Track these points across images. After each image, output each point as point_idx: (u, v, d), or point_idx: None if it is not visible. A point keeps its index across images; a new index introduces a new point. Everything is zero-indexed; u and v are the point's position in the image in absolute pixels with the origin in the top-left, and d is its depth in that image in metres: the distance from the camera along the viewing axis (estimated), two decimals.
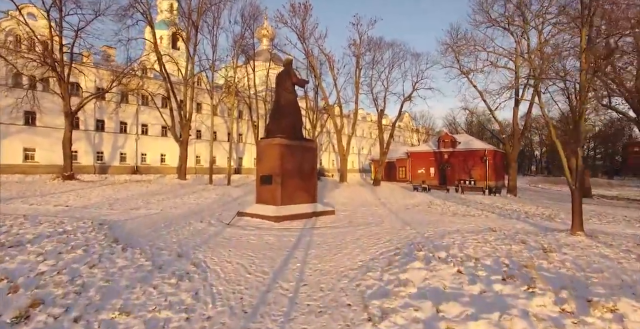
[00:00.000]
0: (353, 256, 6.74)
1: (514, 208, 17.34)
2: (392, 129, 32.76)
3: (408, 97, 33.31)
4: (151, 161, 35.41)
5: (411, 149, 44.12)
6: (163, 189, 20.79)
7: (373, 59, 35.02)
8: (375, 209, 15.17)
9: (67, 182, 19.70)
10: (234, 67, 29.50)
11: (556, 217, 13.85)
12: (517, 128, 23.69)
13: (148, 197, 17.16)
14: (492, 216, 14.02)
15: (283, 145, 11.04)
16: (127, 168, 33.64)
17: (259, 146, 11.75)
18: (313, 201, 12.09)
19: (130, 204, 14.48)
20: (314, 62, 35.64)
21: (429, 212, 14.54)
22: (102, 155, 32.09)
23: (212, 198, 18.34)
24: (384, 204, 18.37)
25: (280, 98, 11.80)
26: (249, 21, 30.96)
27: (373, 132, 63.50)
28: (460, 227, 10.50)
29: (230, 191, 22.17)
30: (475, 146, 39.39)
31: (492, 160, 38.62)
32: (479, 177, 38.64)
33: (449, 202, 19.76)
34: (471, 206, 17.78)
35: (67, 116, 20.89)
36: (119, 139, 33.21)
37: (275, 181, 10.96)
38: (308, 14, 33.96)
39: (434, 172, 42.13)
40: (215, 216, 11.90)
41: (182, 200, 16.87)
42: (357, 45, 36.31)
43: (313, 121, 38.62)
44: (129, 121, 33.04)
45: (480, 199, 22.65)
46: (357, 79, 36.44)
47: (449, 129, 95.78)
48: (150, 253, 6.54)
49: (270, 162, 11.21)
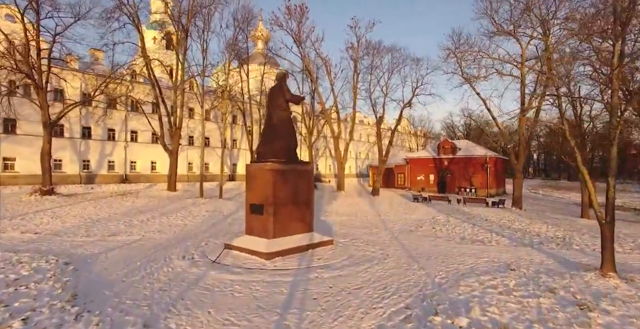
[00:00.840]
0: (356, 322, 5.60)
1: (523, 228, 16.31)
2: (392, 136, 31.71)
3: (408, 103, 32.29)
4: (141, 169, 34.09)
5: (410, 155, 43.12)
6: (150, 205, 19.55)
7: (371, 63, 33.98)
8: (376, 233, 14.06)
9: (45, 199, 18.41)
10: (226, 73, 28.27)
11: (572, 243, 12.80)
12: (523, 138, 22.70)
13: (132, 216, 15.95)
14: (502, 241, 12.96)
15: (276, 171, 9.88)
16: (116, 177, 32.30)
17: (248, 170, 10.58)
18: (309, 230, 10.93)
19: (109, 228, 13.27)
20: (311, 66, 34.52)
21: (434, 237, 13.45)
22: (88, 164, 30.72)
23: (202, 216, 17.16)
24: (385, 222, 17.27)
25: (273, 116, 10.63)
26: (242, 24, 29.77)
27: (371, 135, 62.49)
28: (474, 263, 9.40)
29: (221, 205, 20.97)
30: (476, 152, 38.45)
31: (493, 167, 37.69)
32: (480, 185, 37.72)
33: (452, 219, 18.70)
34: (477, 225, 16.73)
35: (45, 126, 19.52)
36: (106, 147, 31.86)
37: (267, 211, 9.79)
38: (304, 16, 32.86)
39: (434, 179, 41.13)
40: (201, 245, 10.74)
41: (168, 220, 15.68)
42: (354, 48, 35.24)
43: (309, 127, 37.48)
44: (117, 127, 31.70)
45: (484, 214, 21.63)
46: (355, 83, 35.38)
47: (447, 132, 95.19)
48: (110, 322, 5.35)
49: (261, 190, 10.04)
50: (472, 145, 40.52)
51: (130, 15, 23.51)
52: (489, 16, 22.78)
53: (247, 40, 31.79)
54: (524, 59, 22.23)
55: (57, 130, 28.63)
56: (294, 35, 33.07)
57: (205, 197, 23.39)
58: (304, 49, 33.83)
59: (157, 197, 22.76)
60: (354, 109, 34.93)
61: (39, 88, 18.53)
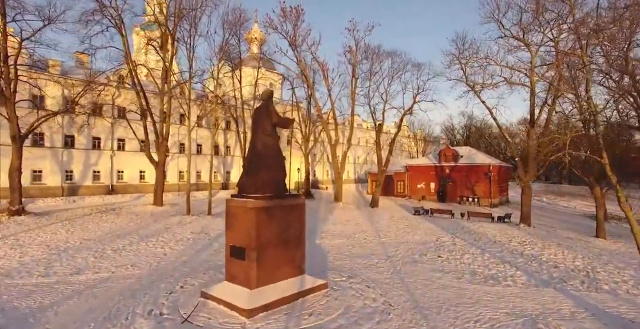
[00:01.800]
0: None
1: (536, 254, 14.87)
2: (391, 145, 30.22)
3: (408, 110, 30.86)
4: (129, 179, 32.48)
5: (410, 162, 41.70)
6: (130, 226, 18.00)
7: (370, 68, 32.50)
8: (377, 264, 12.58)
9: (12, 220, 16.83)
10: (215, 78, 26.77)
11: (599, 280, 11.29)
12: (532, 151, 21.28)
13: (106, 243, 14.40)
14: (519, 277, 11.48)
15: (260, 209, 8.40)
16: (101, 188, 30.71)
17: (228, 206, 9.08)
18: (299, 272, 9.44)
19: (76, 262, 11.73)
20: (307, 71, 33.03)
21: (441, 271, 11.96)
22: (71, 174, 29.10)
23: (185, 240, 15.64)
24: (385, 247, 15.82)
25: (257, 142, 9.14)
26: (234, 27, 28.25)
27: (370, 140, 61.04)
28: (493, 317, 7.95)
29: (209, 224, 19.44)
30: (478, 160, 37.07)
31: (497, 175, 36.31)
32: (483, 194, 36.35)
33: (458, 241, 17.27)
34: (486, 251, 15.30)
35: (14, 140, 17.87)
36: (91, 156, 30.24)
37: (249, 256, 8.31)
38: (300, 19, 31.39)
39: (434, 187, 39.73)
40: (176, 290, 9.24)
41: (146, 247, 14.14)
42: (353, 52, 33.75)
43: (306, 134, 35.99)
44: (103, 135, 30.10)
45: (491, 232, 20.22)
46: (353, 89, 33.88)
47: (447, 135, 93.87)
48: None
49: (243, 231, 8.55)
50: (474, 152, 39.13)
51: (112, 18, 21.96)
52: (497, 21, 21.39)
53: (239, 44, 30.30)
54: (533, 66, 20.82)
55: (37, 139, 27.05)
56: (289, 39, 31.59)
57: (192, 214, 21.85)
58: (300, 52, 32.37)
59: (140, 214, 21.19)
60: (352, 115, 33.47)
61: (5, 98, 16.92)
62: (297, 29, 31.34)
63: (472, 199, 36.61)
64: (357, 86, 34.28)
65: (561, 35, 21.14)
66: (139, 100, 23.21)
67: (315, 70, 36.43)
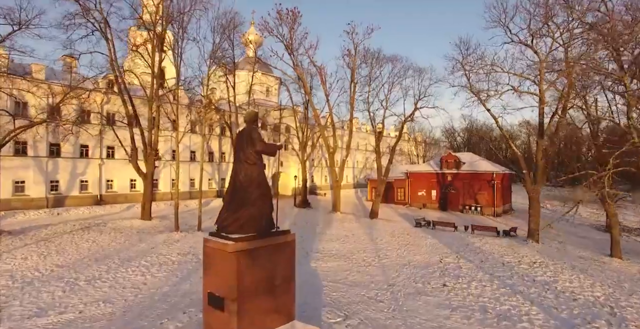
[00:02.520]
0: None
1: (550, 280, 13.69)
2: (391, 154, 29.03)
3: (409, 116, 29.68)
4: (119, 188, 31.19)
5: (411, 169, 40.53)
6: (112, 246, 16.77)
7: (370, 73, 31.30)
8: (377, 296, 11.38)
9: None
10: (206, 85, 25.57)
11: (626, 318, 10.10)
12: (542, 163, 20.11)
13: (81, 270, 13.16)
14: (535, 315, 10.26)
15: (242, 253, 7.18)
16: (89, 198, 29.43)
17: (206, 246, 7.86)
18: (288, 318, 8.21)
19: (40, 298, 10.48)
20: (304, 75, 31.83)
21: (448, 307, 10.74)
22: (57, 185, 27.81)
23: (170, 265, 14.42)
24: (385, 271, 14.64)
25: (239, 173, 7.92)
26: (226, 31, 27.02)
27: (369, 143, 59.87)
28: None
29: (198, 243, 18.11)
30: (481, 167, 35.91)
31: (500, 183, 35.15)
32: (486, 203, 35.20)
33: (464, 264, 16.08)
34: (495, 277, 14.11)
35: None
36: (78, 165, 28.97)
37: (229, 308, 7.08)
38: (297, 22, 30.19)
39: (436, 195, 38.56)
40: None
41: (125, 274, 12.91)
42: (352, 56, 32.59)
43: (303, 141, 34.79)
44: (91, 143, 28.85)
45: (498, 250, 19.05)
46: (352, 94, 32.70)
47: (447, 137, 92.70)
48: None
49: (222, 278, 7.33)
50: (477, 159, 37.96)
51: (97, 21, 20.75)
52: (503, 26, 20.22)
53: (233, 47, 29.08)
54: (542, 74, 19.64)
55: (19, 148, 25.78)
56: (285, 43, 30.40)
57: (181, 230, 20.62)
58: (296, 56, 31.17)
59: (125, 231, 19.95)
60: (350, 121, 32.27)
61: None
62: (293, 32, 30.18)
63: (474, 208, 35.46)
64: (356, 91, 33.15)
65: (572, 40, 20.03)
66: (125, 108, 21.98)
67: (312, 74, 35.28)
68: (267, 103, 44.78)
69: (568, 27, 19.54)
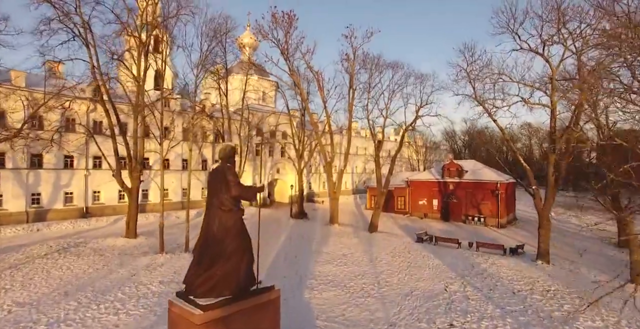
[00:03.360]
0: None
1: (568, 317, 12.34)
2: (392, 164, 27.66)
3: (410, 125, 28.34)
4: (106, 200, 29.76)
5: (412, 177, 39.17)
6: (88, 274, 15.35)
7: (369, 80, 29.93)
8: None
9: None
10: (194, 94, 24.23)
11: None
12: (552, 179, 18.79)
13: (47, 307, 11.76)
14: None
15: (213, 322, 5.88)
16: (74, 211, 28.01)
17: (171, 311, 6.52)
18: None
19: None
20: (300, 82, 30.45)
21: None
22: (39, 198, 26.34)
23: (150, 297, 13.04)
24: (385, 303, 13.26)
25: (212, 222, 6.61)
26: (218, 35, 25.65)
27: (368, 148, 58.50)
28: None
29: (184, 267, 16.78)
30: (485, 176, 34.58)
31: (504, 193, 33.83)
32: (490, 213, 33.87)
33: (471, 292, 14.74)
34: (507, 311, 12.76)
35: None
36: (63, 177, 27.53)
37: None
38: (292, 26, 28.82)
39: (437, 204, 37.22)
40: None
41: (95, 314, 11.50)
42: (350, 61, 31.21)
43: (299, 150, 33.43)
44: (76, 153, 27.43)
45: (507, 274, 17.70)
46: (351, 100, 31.34)
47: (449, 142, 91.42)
48: None
49: None
50: (480, 167, 36.63)
51: (77, 26, 19.35)
52: (512, 32, 18.86)
53: (225, 53, 27.69)
54: (554, 84, 18.30)
55: None
56: (281, 47, 29.02)
57: (166, 251, 19.22)
58: (292, 61, 29.80)
59: (107, 252, 18.54)
60: (349, 129, 30.87)
61: None
62: (289, 37, 28.81)
63: (477, 219, 34.13)
64: (355, 97, 31.79)
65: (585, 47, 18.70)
66: (108, 118, 20.58)
67: (309, 80, 33.93)
68: (263, 109, 43.38)
69: (581, 33, 18.23)
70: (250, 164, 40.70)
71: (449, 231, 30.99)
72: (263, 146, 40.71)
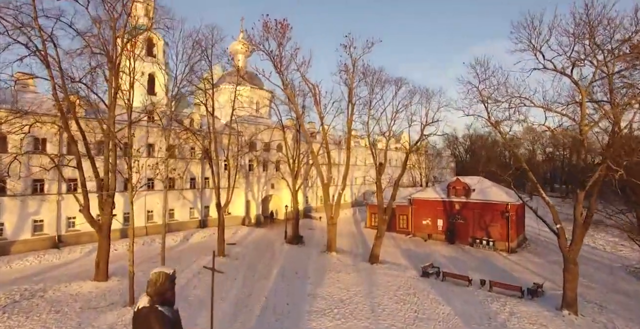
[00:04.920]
0: None
1: None
2: (395, 188, 25.14)
3: (415, 145, 25.89)
4: (83, 226, 27.13)
5: (415, 195, 36.72)
6: None
7: (370, 96, 27.47)
8: None
9: None
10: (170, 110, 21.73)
11: None
12: (581, 219, 16.39)
13: None
14: None
15: None
16: (45, 241, 25.39)
17: None
18: None
19: None
20: (294, 97, 27.95)
21: None
22: (1, 228, 23.68)
23: None
24: None
25: None
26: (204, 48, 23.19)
27: (368, 158, 56.04)
28: None
29: None
30: (494, 197, 32.20)
31: (515, 215, 31.46)
32: (499, 236, 31.49)
33: None
34: None
35: None
36: (31, 203, 24.87)
37: None
38: (286, 36, 26.30)
39: (442, 225, 34.83)
40: None
41: None
42: (349, 73, 28.76)
43: (294, 169, 30.93)
44: (47, 176, 24.81)
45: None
46: (350, 116, 28.89)
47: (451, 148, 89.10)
48: None
49: None
50: (488, 185, 34.22)
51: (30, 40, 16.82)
52: (535, 50, 16.41)
53: (211, 66, 25.16)
54: (584, 110, 15.87)
55: None
56: (274, 59, 26.52)
57: None
58: (286, 75, 27.30)
59: (67, 304, 15.96)
60: (347, 149, 28.38)
61: None
62: (282, 48, 26.31)
63: (486, 243, 31.74)
64: (354, 112, 29.33)
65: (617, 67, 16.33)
66: (74, 147, 18.04)
67: (305, 93, 31.46)
68: (256, 120, 40.85)
69: (613, 52, 15.85)
70: (242, 181, 38.19)
71: (455, 258, 28.60)
72: (257, 161, 38.26)
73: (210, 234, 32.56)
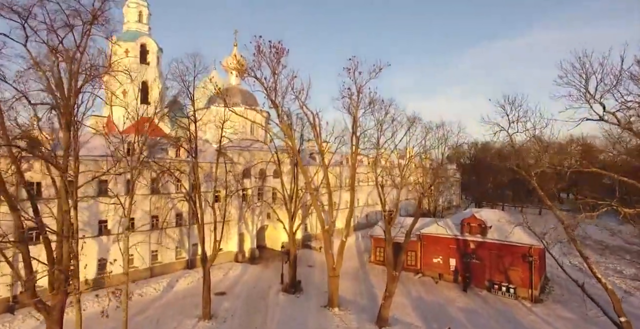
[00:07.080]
0: None
1: None
2: (405, 240, 21.76)
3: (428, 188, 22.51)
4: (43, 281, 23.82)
5: (424, 230, 33.27)
6: None
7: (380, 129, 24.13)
8: None
9: None
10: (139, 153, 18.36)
11: None
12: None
13: None
14: None
15: None
16: None
17: None
18: None
19: None
20: (291, 132, 24.57)
21: None
22: None
23: None
24: None
25: None
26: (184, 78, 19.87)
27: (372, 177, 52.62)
28: None
29: None
30: (514, 237, 28.73)
31: (539, 259, 28.09)
32: (520, 282, 28.09)
33: None
34: None
35: None
36: None
37: None
38: (281, 63, 22.93)
39: (455, 264, 31.43)
40: None
41: None
42: (353, 101, 25.36)
43: (290, 210, 27.55)
44: None
45: None
46: (355, 149, 25.49)
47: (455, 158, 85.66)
48: None
49: None
50: (506, 221, 30.73)
51: None
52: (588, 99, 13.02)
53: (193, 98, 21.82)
54: None
55: None
56: (267, 90, 23.15)
57: None
58: (281, 106, 23.93)
59: None
60: (352, 189, 24.97)
61: None
62: (277, 77, 22.94)
63: (506, 289, 28.32)
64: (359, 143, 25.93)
65: None
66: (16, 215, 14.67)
67: (304, 122, 28.12)
68: (250, 146, 37.38)
69: None
70: (235, 212, 34.80)
71: (474, 312, 25.19)
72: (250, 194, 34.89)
73: (198, 278, 29.13)
